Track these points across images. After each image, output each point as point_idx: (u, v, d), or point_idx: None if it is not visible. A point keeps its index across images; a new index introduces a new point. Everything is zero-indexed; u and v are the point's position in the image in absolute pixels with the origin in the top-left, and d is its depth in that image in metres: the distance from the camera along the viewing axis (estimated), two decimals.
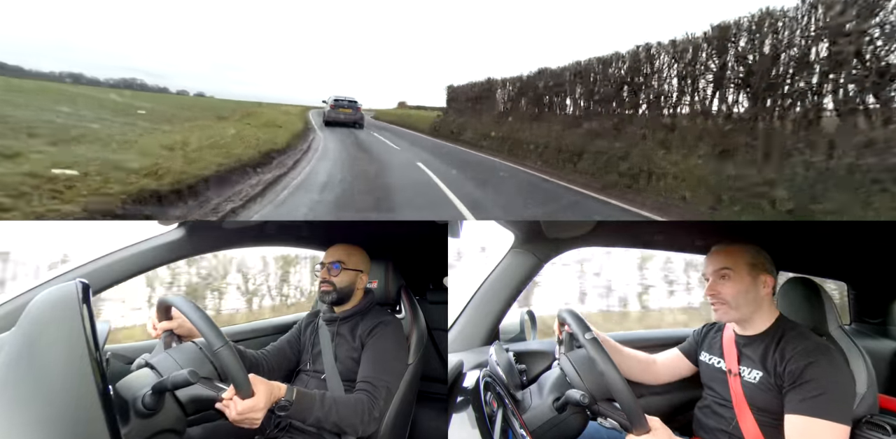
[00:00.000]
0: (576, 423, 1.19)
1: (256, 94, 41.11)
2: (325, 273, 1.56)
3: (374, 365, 1.44)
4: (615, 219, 4.37)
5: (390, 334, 1.51)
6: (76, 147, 4.34)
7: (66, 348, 0.81)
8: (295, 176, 5.72)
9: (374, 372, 1.42)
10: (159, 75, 57.39)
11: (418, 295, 2.21)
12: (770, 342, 1.27)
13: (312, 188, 5.03)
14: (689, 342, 1.54)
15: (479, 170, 7.65)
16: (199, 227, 1.76)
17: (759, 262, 1.31)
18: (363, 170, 6.49)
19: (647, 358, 1.55)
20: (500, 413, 1.12)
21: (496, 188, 6.02)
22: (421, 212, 4.30)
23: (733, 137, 5.36)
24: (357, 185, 5.36)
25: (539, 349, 1.71)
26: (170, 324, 1.35)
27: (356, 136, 11.93)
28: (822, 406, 1.12)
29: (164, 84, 22.03)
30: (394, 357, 1.50)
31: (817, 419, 1.11)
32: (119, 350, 1.64)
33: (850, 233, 1.69)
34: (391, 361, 1.48)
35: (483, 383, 1.21)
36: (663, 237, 1.93)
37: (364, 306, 1.59)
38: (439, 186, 5.59)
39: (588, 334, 1.14)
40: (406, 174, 6.48)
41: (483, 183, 6.24)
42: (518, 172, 7.67)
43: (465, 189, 5.55)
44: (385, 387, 1.41)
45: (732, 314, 1.31)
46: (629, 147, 6.66)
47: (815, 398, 1.13)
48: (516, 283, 1.80)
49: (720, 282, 1.31)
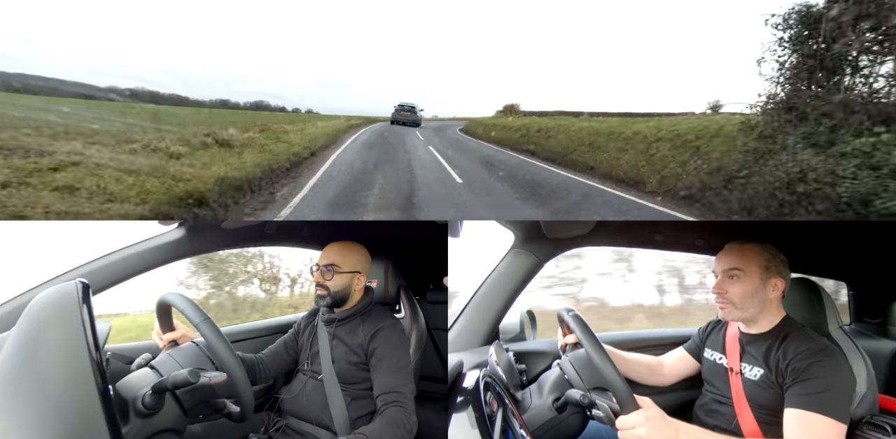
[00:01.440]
0: (575, 423, 1.19)
1: (361, 109, 42.22)
2: (319, 276, 1.52)
3: (393, 373, 1.42)
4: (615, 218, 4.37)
5: (395, 338, 1.49)
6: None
7: (65, 348, 0.81)
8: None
9: (396, 381, 1.40)
10: (282, 97, 58.97)
11: (418, 295, 2.21)
12: (774, 341, 1.26)
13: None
14: (694, 340, 1.53)
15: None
16: (198, 227, 1.76)
17: (772, 265, 1.29)
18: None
19: (654, 361, 1.54)
20: (499, 413, 1.12)
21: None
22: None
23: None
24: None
25: (539, 349, 1.71)
26: (174, 335, 1.37)
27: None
28: (822, 402, 1.11)
29: (284, 103, 23.72)
30: (406, 362, 1.49)
31: (816, 414, 1.11)
32: (119, 350, 1.64)
33: (850, 233, 1.69)
34: (405, 366, 1.47)
35: (483, 383, 1.20)
36: (663, 237, 1.93)
37: (363, 307, 1.55)
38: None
39: (571, 312, 1.19)
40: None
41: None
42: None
43: None
44: (410, 392, 1.41)
45: (737, 314, 1.30)
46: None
47: (816, 394, 1.13)
48: (516, 283, 1.80)
49: (728, 281, 1.30)
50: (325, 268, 1.51)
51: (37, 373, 0.77)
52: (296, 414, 1.49)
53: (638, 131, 7.23)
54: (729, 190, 4.45)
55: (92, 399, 0.77)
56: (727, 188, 4.48)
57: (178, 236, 1.69)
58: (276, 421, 1.49)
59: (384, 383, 1.40)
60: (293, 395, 1.51)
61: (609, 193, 5.55)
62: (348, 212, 4.04)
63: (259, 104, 19.75)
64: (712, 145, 5.62)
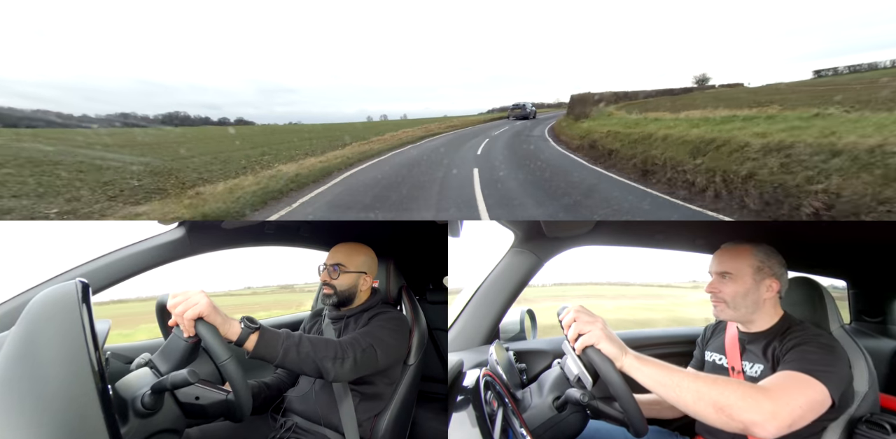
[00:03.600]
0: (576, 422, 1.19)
1: (448, 110, 43.19)
2: (326, 275, 1.54)
3: (362, 332, 1.42)
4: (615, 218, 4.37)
5: (390, 318, 1.50)
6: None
7: (65, 347, 0.81)
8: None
9: (358, 334, 1.40)
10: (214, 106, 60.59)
11: (418, 295, 2.21)
12: (775, 337, 1.27)
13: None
14: (696, 356, 1.53)
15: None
16: (198, 227, 1.76)
17: (766, 266, 1.29)
18: None
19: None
20: (500, 412, 1.12)
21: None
22: None
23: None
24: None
25: (539, 348, 1.71)
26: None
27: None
28: (807, 365, 1.07)
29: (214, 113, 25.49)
30: (388, 330, 1.45)
31: (798, 372, 1.06)
32: (119, 349, 1.64)
33: (850, 232, 1.69)
34: (383, 331, 1.44)
35: (483, 382, 1.20)
36: (664, 236, 1.93)
37: (371, 304, 1.57)
38: None
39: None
40: None
41: None
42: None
43: None
44: (367, 343, 1.36)
45: (730, 313, 1.30)
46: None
47: (802, 359, 1.10)
48: (516, 283, 1.80)
49: (721, 281, 1.31)
50: (332, 268, 1.53)
51: (36, 373, 0.77)
52: (303, 413, 1.48)
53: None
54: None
55: (91, 399, 0.77)
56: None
57: (178, 236, 1.69)
58: (285, 420, 1.49)
59: (349, 336, 1.39)
60: (301, 394, 1.51)
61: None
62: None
63: (175, 115, 19.87)
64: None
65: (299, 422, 1.48)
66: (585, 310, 1.07)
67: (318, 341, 1.28)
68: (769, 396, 0.95)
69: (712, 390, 0.94)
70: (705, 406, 0.94)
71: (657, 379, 0.98)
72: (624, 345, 1.03)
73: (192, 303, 1.08)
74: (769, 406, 0.93)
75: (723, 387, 0.95)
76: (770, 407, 0.93)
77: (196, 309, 1.08)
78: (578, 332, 1.04)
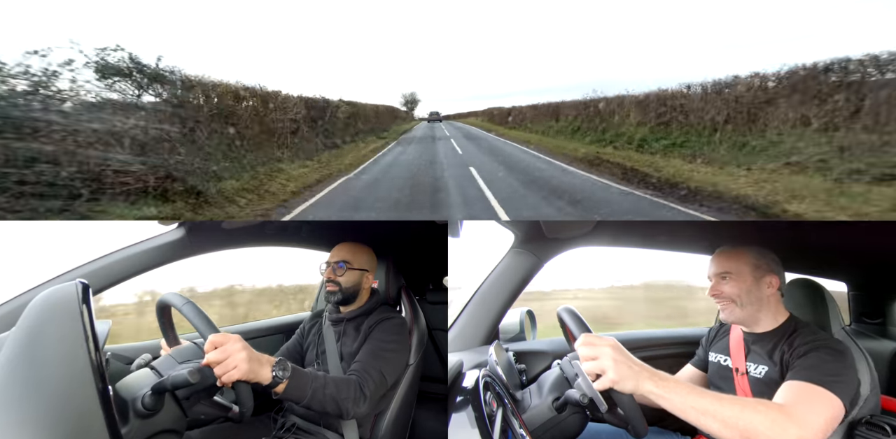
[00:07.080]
0: (575, 423, 1.19)
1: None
2: (331, 272, 1.54)
3: (369, 353, 1.43)
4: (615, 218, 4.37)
5: (391, 327, 1.50)
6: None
7: (65, 348, 0.80)
8: None
9: (366, 358, 1.41)
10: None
11: (418, 295, 2.21)
12: (780, 338, 1.26)
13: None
14: (699, 355, 1.53)
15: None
16: (198, 227, 1.76)
17: (763, 264, 1.30)
18: None
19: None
20: (499, 412, 1.12)
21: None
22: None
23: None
24: None
25: (539, 349, 1.71)
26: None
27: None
28: (820, 374, 1.07)
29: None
30: (392, 349, 1.47)
31: (811, 384, 1.06)
32: (119, 350, 1.64)
33: (850, 233, 1.69)
34: (388, 352, 1.46)
35: (483, 383, 1.20)
36: (664, 237, 1.93)
37: (371, 307, 1.58)
38: None
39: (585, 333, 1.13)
40: None
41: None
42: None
43: None
44: (377, 372, 1.38)
45: (738, 312, 1.30)
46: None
47: (816, 367, 1.09)
48: (516, 283, 1.80)
49: (722, 282, 1.32)
50: (337, 265, 1.54)
51: (36, 374, 0.77)
52: (302, 414, 1.48)
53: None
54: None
55: (91, 399, 0.76)
56: None
57: (178, 236, 1.69)
58: (285, 421, 1.49)
59: (357, 359, 1.41)
60: None
61: None
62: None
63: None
64: None
65: (299, 423, 1.48)
66: (591, 342, 1.01)
67: (340, 382, 1.30)
68: (794, 420, 0.95)
69: (739, 419, 0.93)
70: (731, 433, 0.92)
71: (678, 406, 0.96)
72: (640, 370, 0.98)
73: (230, 365, 1.05)
74: (795, 432, 0.93)
75: (750, 415, 0.93)
76: (796, 433, 0.93)
77: (235, 374, 1.05)
78: (593, 372, 1.00)
